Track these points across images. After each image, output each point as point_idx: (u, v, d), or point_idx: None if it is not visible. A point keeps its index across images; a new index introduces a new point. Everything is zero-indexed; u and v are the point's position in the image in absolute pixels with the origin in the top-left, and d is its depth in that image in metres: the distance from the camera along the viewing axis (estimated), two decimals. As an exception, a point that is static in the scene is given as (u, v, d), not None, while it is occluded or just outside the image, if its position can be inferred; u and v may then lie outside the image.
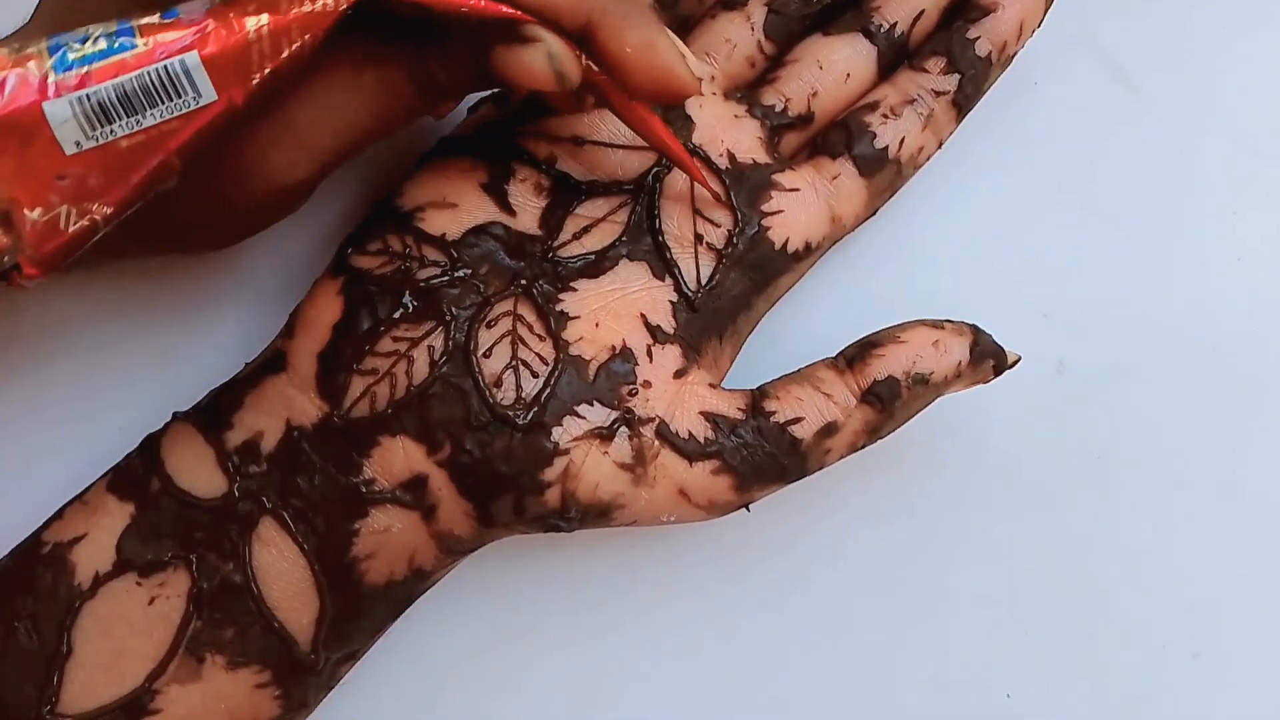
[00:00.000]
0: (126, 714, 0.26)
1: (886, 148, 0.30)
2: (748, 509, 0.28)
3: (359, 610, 0.27)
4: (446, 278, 0.27)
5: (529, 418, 0.26)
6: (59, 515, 0.28)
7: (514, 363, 0.27)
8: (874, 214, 0.31)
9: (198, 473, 0.27)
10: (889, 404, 0.28)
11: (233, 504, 0.26)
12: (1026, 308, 0.33)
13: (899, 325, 0.28)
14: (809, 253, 0.30)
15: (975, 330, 0.28)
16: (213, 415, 0.27)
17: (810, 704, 0.32)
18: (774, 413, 0.28)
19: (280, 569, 0.26)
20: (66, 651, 0.26)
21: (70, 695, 0.26)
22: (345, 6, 0.22)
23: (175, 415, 0.28)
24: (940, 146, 0.31)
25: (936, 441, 0.32)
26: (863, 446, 0.28)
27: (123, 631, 0.26)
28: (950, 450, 0.32)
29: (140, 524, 0.27)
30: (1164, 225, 0.33)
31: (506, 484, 0.26)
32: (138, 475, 0.27)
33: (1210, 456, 0.33)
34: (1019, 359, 0.28)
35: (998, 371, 0.28)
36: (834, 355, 0.29)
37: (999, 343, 0.28)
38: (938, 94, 0.30)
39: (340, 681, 0.29)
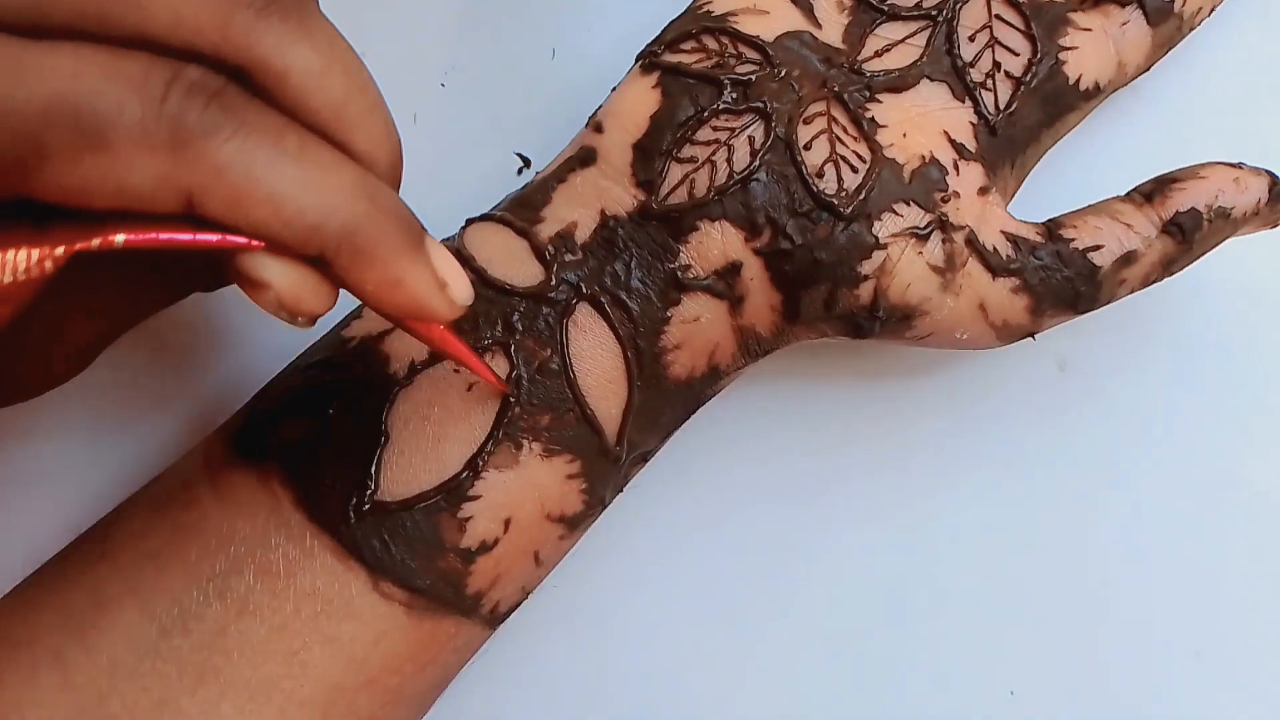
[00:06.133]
0: (447, 499, 0.25)
1: (1173, 1, 0.30)
2: (1033, 337, 0.29)
3: (659, 405, 0.27)
4: (766, 71, 0.27)
5: (852, 209, 0.27)
6: (357, 314, 0.28)
7: (834, 157, 0.27)
8: (1149, 69, 0.31)
9: (511, 263, 0.27)
10: (1190, 235, 0.28)
11: (549, 291, 0.27)
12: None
13: (1196, 165, 0.29)
14: (1097, 92, 0.30)
15: (1271, 174, 0.29)
16: (519, 212, 0.28)
17: (811, 702, 0.32)
18: (1073, 239, 0.28)
19: (596, 355, 0.27)
20: (384, 438, 0.26)
21: (389, 480, 0.25)
22: (52, 270, 0.19)
23: (469, 221, 0.28)
24: (1212, 12, 0.31)
25: (937, 439, 0.32)
26: (1154, 281, 0.29)
27: (442, 417, 0.26)
28: (951, 448, 0.32)
29: None
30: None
31: (823, 273, 0.27)
32: None
33: (1211, 455, 0.33)
34: None
35: None
36: (1126, 192, 0.29)
37: None
38: None
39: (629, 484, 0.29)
